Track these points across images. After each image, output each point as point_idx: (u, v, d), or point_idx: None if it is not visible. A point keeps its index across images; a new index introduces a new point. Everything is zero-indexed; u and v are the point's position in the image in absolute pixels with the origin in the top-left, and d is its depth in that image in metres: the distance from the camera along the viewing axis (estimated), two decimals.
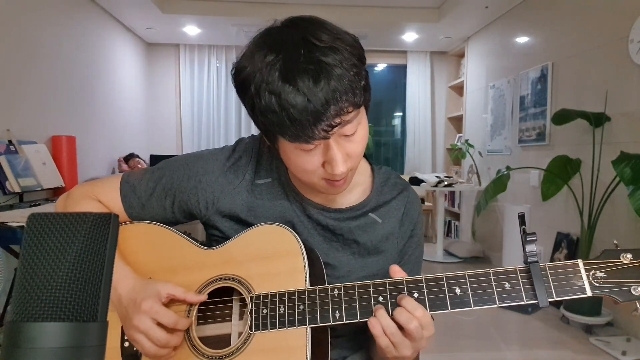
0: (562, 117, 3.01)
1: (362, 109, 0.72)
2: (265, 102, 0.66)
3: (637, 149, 2.59)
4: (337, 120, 0.66)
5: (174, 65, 5.79)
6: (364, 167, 0.91)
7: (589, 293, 0.67)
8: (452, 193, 5.61)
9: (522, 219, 0.71)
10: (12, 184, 2.71)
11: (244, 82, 0.69)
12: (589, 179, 2.89)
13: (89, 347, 0.36)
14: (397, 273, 0.72)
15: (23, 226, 1.16)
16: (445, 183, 4.63)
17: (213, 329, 0.81)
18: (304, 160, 0.72)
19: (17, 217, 2.23)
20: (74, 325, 0.36)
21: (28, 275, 0.36)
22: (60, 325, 0.35)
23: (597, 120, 2.85)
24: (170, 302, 0.78)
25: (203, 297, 0.78)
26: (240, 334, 0.78)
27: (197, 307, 0.79)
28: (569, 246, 3.24)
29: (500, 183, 3.45)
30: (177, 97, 5.80)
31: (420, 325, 0.68)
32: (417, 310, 0.68)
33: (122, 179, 0.89)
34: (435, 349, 2.61)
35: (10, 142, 2.84)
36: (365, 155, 0.90)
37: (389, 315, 0.69)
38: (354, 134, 0.71)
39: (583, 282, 0.68)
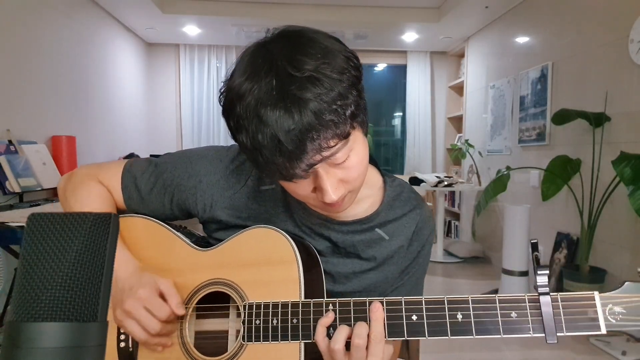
0: (562, 117, 3.01)
1: (356, 133, 0.65)
2: (241, 139, 0.62)
3: (637, 149, 2.59)
4: (317, 157, 0.60)
5: (174, 65, 5.79)
6: (375, 179, 0.85)
7: (604, 330, 0.60)
8: (452, 193, 5.61)
9: (534, 246, 0.65)
10: (12, 184, 2.71)
11: (225, 111, 0.65)
12: (589, 179, 2.89)
13: (89, 347, 0.37)
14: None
15: (23, 226, 1.16)
16: (445, 183, 4.64)
17: (210, 324, 0.81)
18: (293, 186, 0.67)
19: (17, 217, 2.23)
20: (74, 325, 0.36)
21: (28, 275, 0.36)
22: (60, 325, 0.35)
23: (597, 120, 2.85)
24: None
25: (182, 311, 0.75)
26: (237, 332, 0.77)
27: (190, 309, 0.78)
28: (569, 246, 3.24)
29: (500, 183, 3.45)
30: (177, 97, 5.80)
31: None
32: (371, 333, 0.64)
33: (124, 168, 0.87)
34: (435, 348, 2.61)
35: (10, 142, 2.84)
36: (377, 165, 0.86)
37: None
38: (346, 160, 0.64)
39: (598, 317, 0.61)
